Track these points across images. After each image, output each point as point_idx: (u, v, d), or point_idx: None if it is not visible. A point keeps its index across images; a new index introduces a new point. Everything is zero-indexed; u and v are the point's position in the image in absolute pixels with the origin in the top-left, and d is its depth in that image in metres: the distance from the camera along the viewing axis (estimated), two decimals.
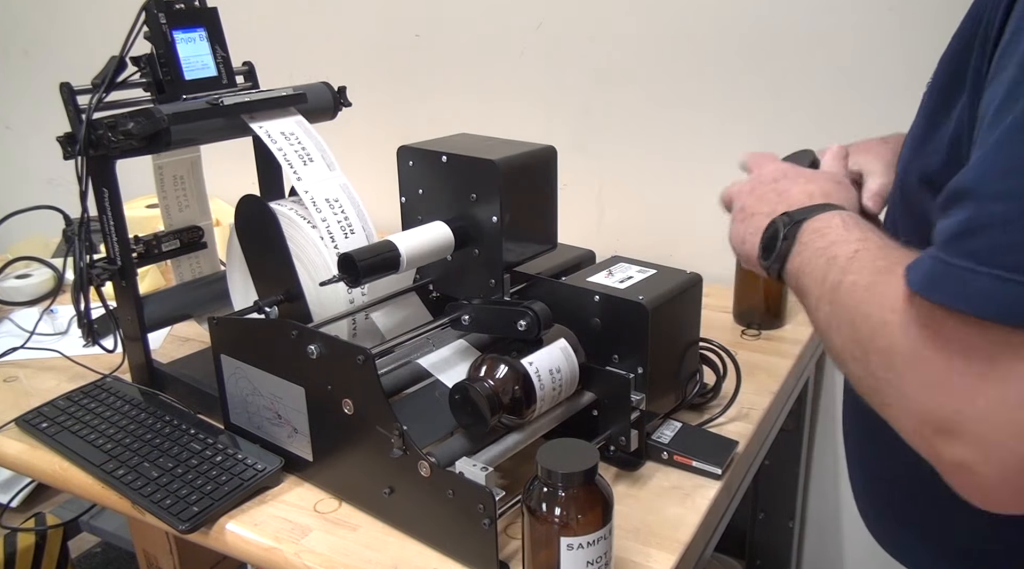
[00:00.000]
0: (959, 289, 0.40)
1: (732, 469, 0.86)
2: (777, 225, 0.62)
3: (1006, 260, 0.39)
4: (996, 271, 0.39)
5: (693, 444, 0.87)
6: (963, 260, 0.40)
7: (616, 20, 1.29)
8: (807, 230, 0.59)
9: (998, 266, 0.39)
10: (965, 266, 0.40)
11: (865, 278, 0.49)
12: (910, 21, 1.10)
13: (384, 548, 0.76)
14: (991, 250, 0.39)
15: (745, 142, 1.24)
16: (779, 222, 0.62)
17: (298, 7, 1.56)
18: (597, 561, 0.66)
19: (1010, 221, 0.39)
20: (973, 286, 0.40)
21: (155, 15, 0.92)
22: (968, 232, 0.41)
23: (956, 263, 0.41)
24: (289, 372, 0.82)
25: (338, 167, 0.95)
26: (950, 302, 0.41)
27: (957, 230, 0.41)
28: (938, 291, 0.41)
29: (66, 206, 1.17)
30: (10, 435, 0.97)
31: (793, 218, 0.61)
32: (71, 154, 0.93)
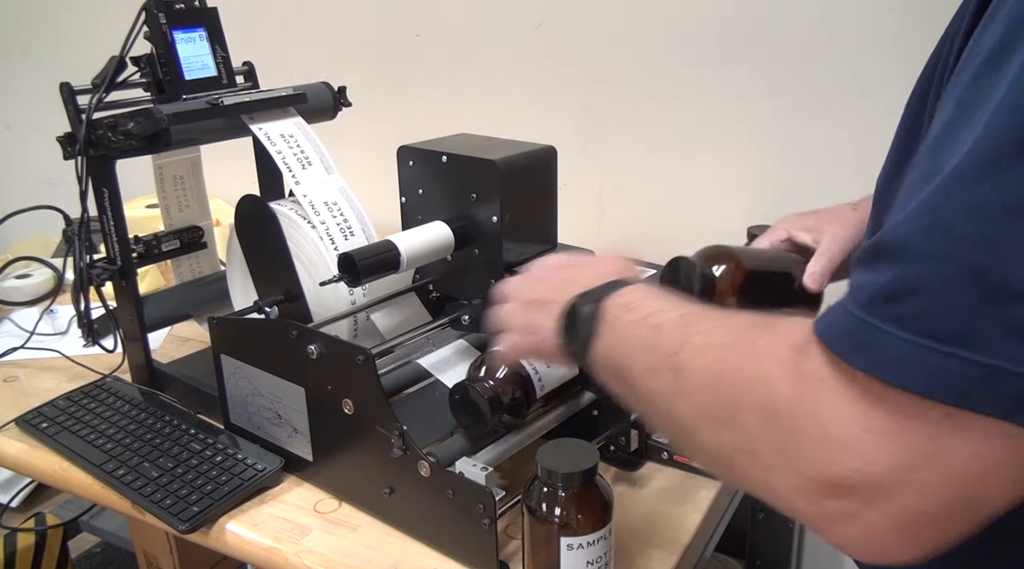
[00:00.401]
0: (880, 354, 0.37)
1: None
2: (576, 306, 0.58)
3: (936, 329, 0.36)
4: (924, 341, 0.36)
5: None
6: (888, 325, 0.37)
7: (616, 20, 1.29)
8: (610, 308, 0.56)
9: (927, 336, 0.36)
10: (889, 331, 0.37)
11: (719, 338, 0.46)
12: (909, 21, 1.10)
13: (384, 548, 0.76)
14: (919, 317, 0.37)
15: (746, 142, 1.25)
16: (577, 303, 0.58)
17: (298, 7, 1.56)
18: (597, 561, 0.66)
19: (944, 286, 0.36)
20: (894, 352, 0.37)
21: (155, 15, 0.92)
22: (895, 295, 0.37)
23: (879, 326, 0.38)
24: (289, 372, 0.82)
25: (336, 171, 0.95)
26: (868, 367, 0.38)
27: (883, 291, 0.38)
28: (856, 353, 0.38)
29: (66, 206, 1.17)
30: (10, 435, 0.97)
31: (591, 297, 0.57)
32: (71, 154, 0.93)
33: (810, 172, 1.21)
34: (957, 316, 0.36)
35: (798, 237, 0.84)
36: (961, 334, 0.36)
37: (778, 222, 0.87)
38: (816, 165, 1.20)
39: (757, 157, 1.25)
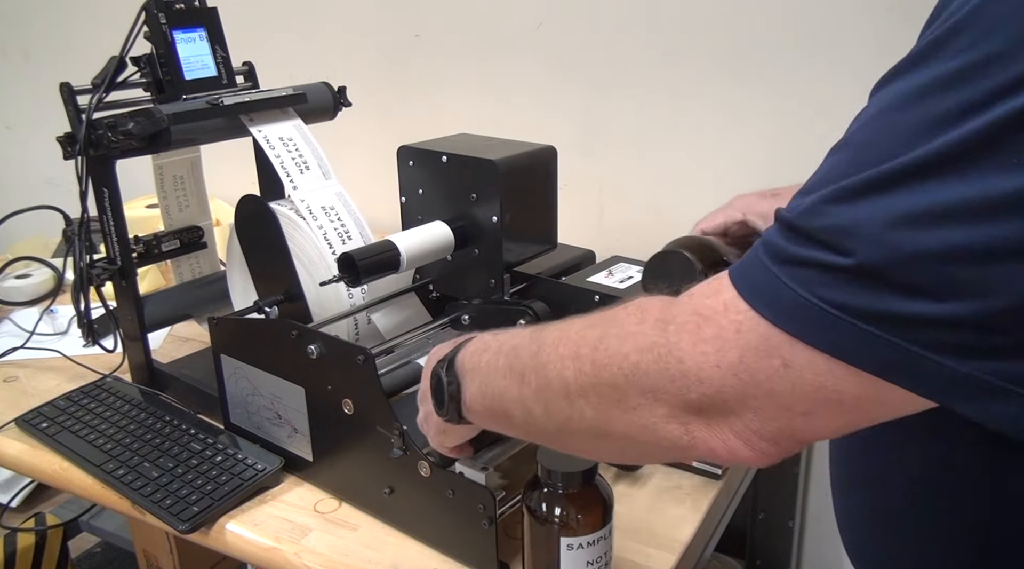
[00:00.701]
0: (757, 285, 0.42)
1: (732, 469, 0.86)
2: (436, 374, 0.61)
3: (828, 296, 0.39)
4: (815, 301, 0.39)
5: None
6: (785, 274, 0.40)
7: (616, 20, 1.29)
8: (463, 360, 0.59)
9: (818, 297, 0.39)
10: (786, 281, 0.40)
11: (575, 329, 0.50)
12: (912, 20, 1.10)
13: (384, 548, 0.76)
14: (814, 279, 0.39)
15: (747, 142, 1.25)
16: (435, 371, 0.61)
17: (298, 7, 1.56)
18: (597, 561, 0.66)
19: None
20: (787, 299, 0.40)
21: (155, 15, 0.92)
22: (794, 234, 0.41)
23: (779, 276, 0.41)
24: (289, 372, 0.82)
25: (334, 176, 0.96)
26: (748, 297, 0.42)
27: (774, 239, 0.42)
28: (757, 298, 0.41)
29: (66, 206, 1.17)
30: (10, 435, 0.97)
31: (446, 360, 0.60)
32: (71, 154, 0.93)
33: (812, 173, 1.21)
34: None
35: (754, 223, 0.84)
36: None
37: (734, 200, 0.87)
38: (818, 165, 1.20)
39: (758, 157, 1.24)
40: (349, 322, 0.91)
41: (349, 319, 0.90)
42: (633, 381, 0.45)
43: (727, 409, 0.42)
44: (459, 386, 0.59)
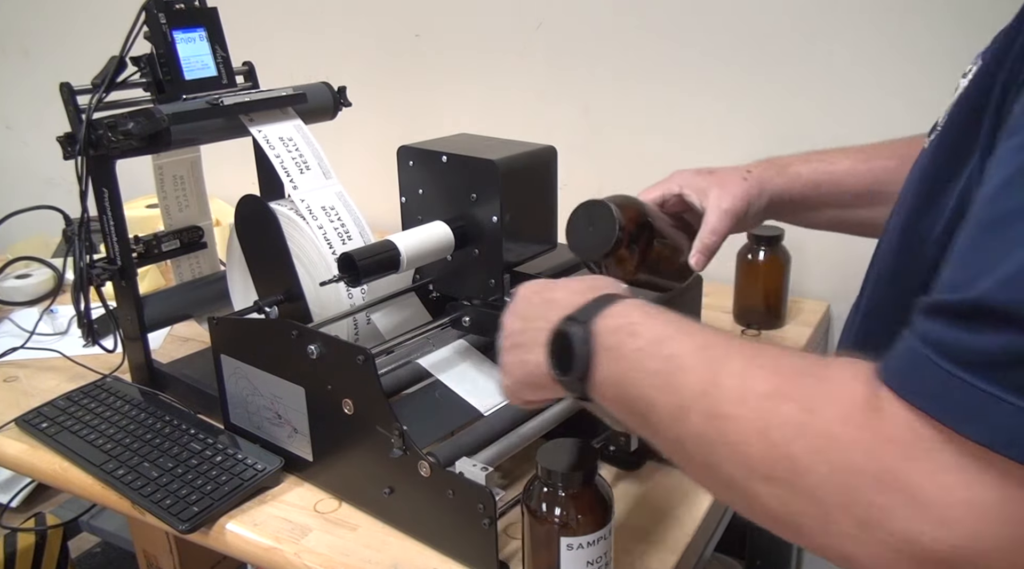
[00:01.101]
0: (997, 423, 0.34)
1: None
2: (563, 331, 0.53)
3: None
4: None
5: None
6: (1009, 394, 0.34)
7: (616, 20, 1.29)
8: (605, 331, 0.51)
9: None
10: (1008, 400, 0.34)
11: (759, 385, 0.42)
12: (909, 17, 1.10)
13: (384, 548, 0.76)
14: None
15: (747, 142, 1.24)
16: (564, 328, 0.53)
17: (298, 7, 1.56)
18: (597, 561, 0.66)
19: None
20: (1013, 422, 0.34)
21: (155, 15, 0.92)
22: (1013, 362, 0.34)
23: (996, 394, 0.34)
24: (289, 372, 0.82)
25: (334, 175, 0.96)
26: (982, 437, 0.35)
27: (999, 357, 0.35)
28: (968, 422, 0.35)
29: (66, 206, 1.17)
30: (10, 435, 0.97)
31: (579, 319, 0.52)
32: (71, 154, 0.93)
33: None
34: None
35: (689, 196, 0.82)
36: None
37: (673, 174, 0.86)
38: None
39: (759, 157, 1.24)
40: (349, 322, 0.91)
41: (349, 319, 0.90)
42: (851, 511, 0.38)
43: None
44: (590, 359, 0.51)
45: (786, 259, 1.16)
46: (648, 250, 0.76)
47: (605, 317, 0.52)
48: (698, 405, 0.44)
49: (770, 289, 1.16)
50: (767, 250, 1.15)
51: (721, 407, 0.43)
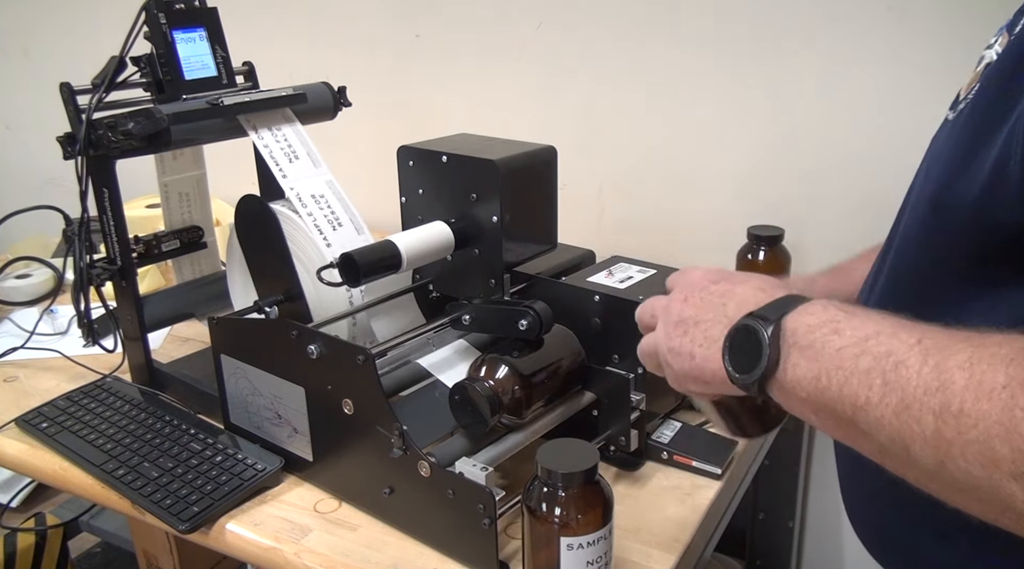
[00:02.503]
0: None
1: (732, 469, 0.86)
2: (748, 326, 0.51)
3: None
4: None
5: (693, 444, 0.87)
6: None
7: (616, 20, 1.29)
8: (801, 328, 0.49)
9: None
10: None
11: (997, 377, 0.40)
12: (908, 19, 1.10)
13: (384, 548, 0.76)
14: None
15: (748, 142, 1.25)
16: (750, 324, 0.51)
17: (298, 7, 1.56)
18: (597, 561, 0.66)
19: None
20: None
21: (155, 15, 0.92)
22: None
23: None
24: (289, 372, 0.82)
25: (324, 164, 0.96)
26: None
27: None
28: None
29: (66, 206, 1.17)
30: (10, 435, 0.97)
31: (767, 316, 0.51)
32: (71, 154, 0.93)
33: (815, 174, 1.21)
34: None
35: None
36: None
37: None
38: (821, 167, 1.20)
39: (759, 157, 1.25)
40: (349, 322, 0.91)
41: (349, 319, 0.90)
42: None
43: None
44: (780, 357, 0.49)
45: (786, 259, 1.16)
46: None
47: (800, 314, 0.50)
48: (928, 403, 0.42)
49: None
50: (767, 250, 1.15)
51: (956, 403, 0.40)
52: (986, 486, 0.40)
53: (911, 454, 0.43)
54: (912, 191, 0.63)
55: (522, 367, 0.78)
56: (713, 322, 0.55)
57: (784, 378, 0.49)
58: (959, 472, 0.41)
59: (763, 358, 0.50)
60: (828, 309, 0.49)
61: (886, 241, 0.67)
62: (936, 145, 0.59)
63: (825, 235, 1.21)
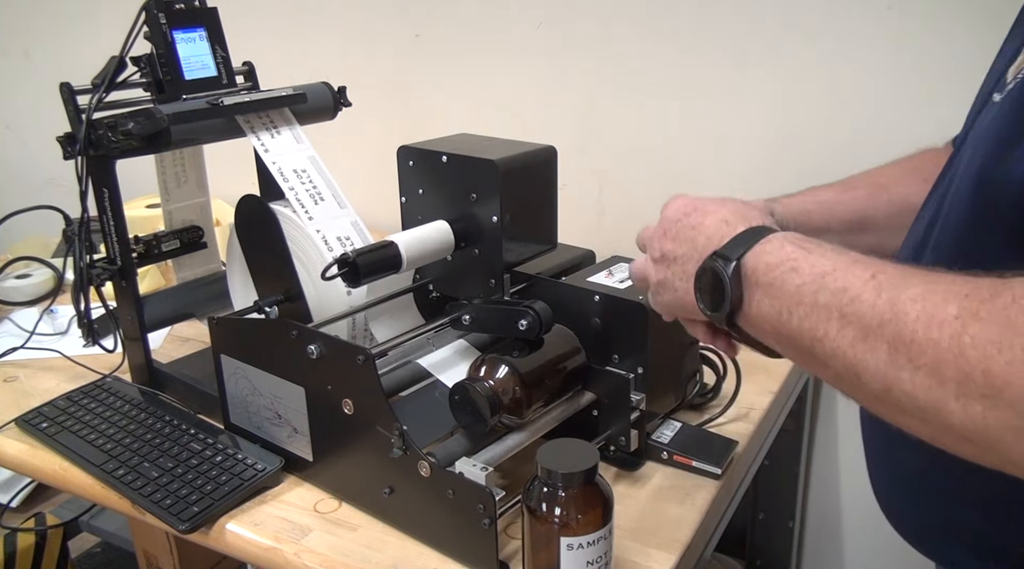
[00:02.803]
0: None
1: (732, 469, 0.86)
2: (713, 268, 0.55)
3: None
4: None
5: (693, 444, 0.87)
6: None
7: (616, 20, 1.29)
8: (759, 269, 0.52)
9: None
10: None
11: (947, 308, 0.42)
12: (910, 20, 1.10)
13: (384, 548, 0.76)
14: None
15: (747, 143, 1.25)
16: (713, 265, 0.55)
17: (298, 7, 1.56)
18: (597, 561, 0.66)
19: None
20: None
21: (155, 15, 0.92)
22: None
23: None
24: (289, 372, 0.82)
25: (307, 141, 0.96)
26: None
27: None
28: None
29: (66, 206, 1.17)
30: (10, 435, 0.97)
31: (728, 257, 0.54)
32: (71, 154, 0.93)
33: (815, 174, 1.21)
34: None
35: None
36: None
37: None
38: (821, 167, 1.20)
39: (759, 157, 1.24)
40: (349, 322, 0.91)
41: (349, 319, 0.90)
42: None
43: None
44: (744, 295, 0.53)
45: None
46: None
47: (759, 254, 0.53)
48: (882, 333, 0.44)
49: None
50: None
51: (908, 332, 0.43)
52: (931, 408, 0.43)
53: (863, 381, 0.46)
54: (954, 173, 0.63)
55: (522, 367, 0.78)
56: (687, 258, 0.59)
57: (749, 313, 0.53)
58: (906, 397, 0.44)
59: (726, 298, 0.54)
60: (785, 246, 0.52)
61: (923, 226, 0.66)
62: (982, 125, 0.60)
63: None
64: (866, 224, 0.78)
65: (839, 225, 0.78)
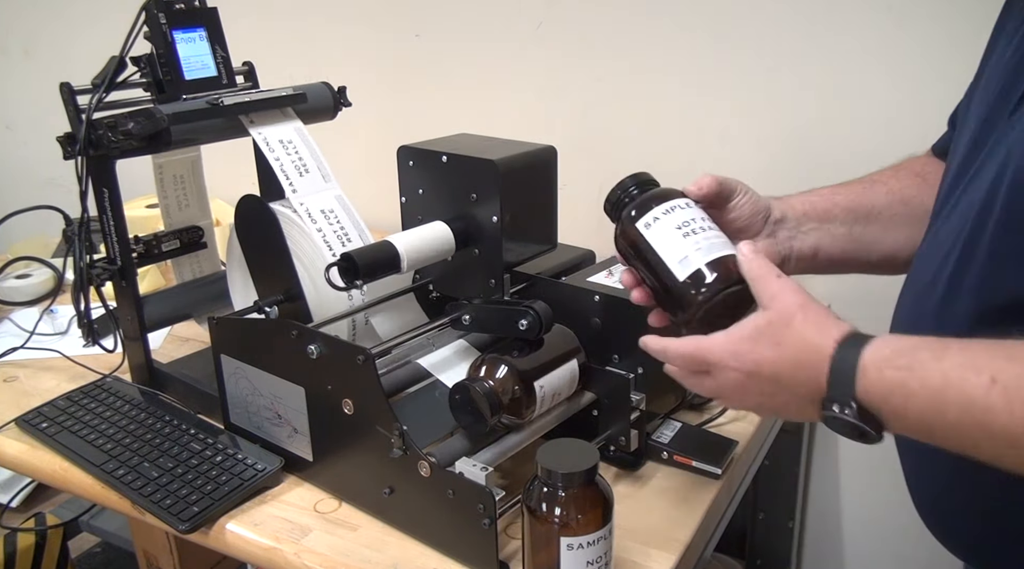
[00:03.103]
0: None
1: (732, 469, 0.86)
2: (841, 420, 0.54)
3: None
4: None
5: (693, 444, 0.87)
6: None
7: (616, 20, 1.29)
8: (872, 403, 0.53)
9: None
10: None
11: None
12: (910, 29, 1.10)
13: (384, 548, 0.76)
14: None
15: (748, 144, 1.24)
16: (838, 417, 0.54)
17: (298, 7, 1.56)
18: (597, 561, 0.66)
19: None
20: None
21: (155, 15, 0.92)
22: None
23: None
24: (289, 372, 0.82)
25: (334, 178, 0.95)
26: None
27: None
28: None
29: (66, 206, 1.17)
30: (10, 435, 0.97)
31: (844, 401, 0.54)
32: (71, 154, 0.93)
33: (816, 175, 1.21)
34: None
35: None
36: None
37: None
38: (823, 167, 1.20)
39: (761, 157, 1.24)
40: (349, 322, 0.91)
41: (349, 319, 0.90)
42: None
43: None
44: (880, 426, 0.54)
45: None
46: None
47: (867, 388, 0.53)
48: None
49: None
50: None
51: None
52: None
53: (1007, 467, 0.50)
54: (977, 183, 0.61)
55: (522, 367, 0.78)
56: (787, 404, 0.59)
57: (897, 428, 0.54)
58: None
59: (869, 437, 0.54)
60: (883, 371, 0.52)
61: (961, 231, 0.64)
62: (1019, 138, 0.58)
63: None
64: (870, 214, 0.78)
65: (842, 213, 0.78)
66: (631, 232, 0.69)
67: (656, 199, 0.69)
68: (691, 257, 0.65)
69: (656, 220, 0.68)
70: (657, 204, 0.69)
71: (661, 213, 0.68)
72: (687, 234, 0.66)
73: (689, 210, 0.68)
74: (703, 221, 0.68)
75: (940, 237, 0.65)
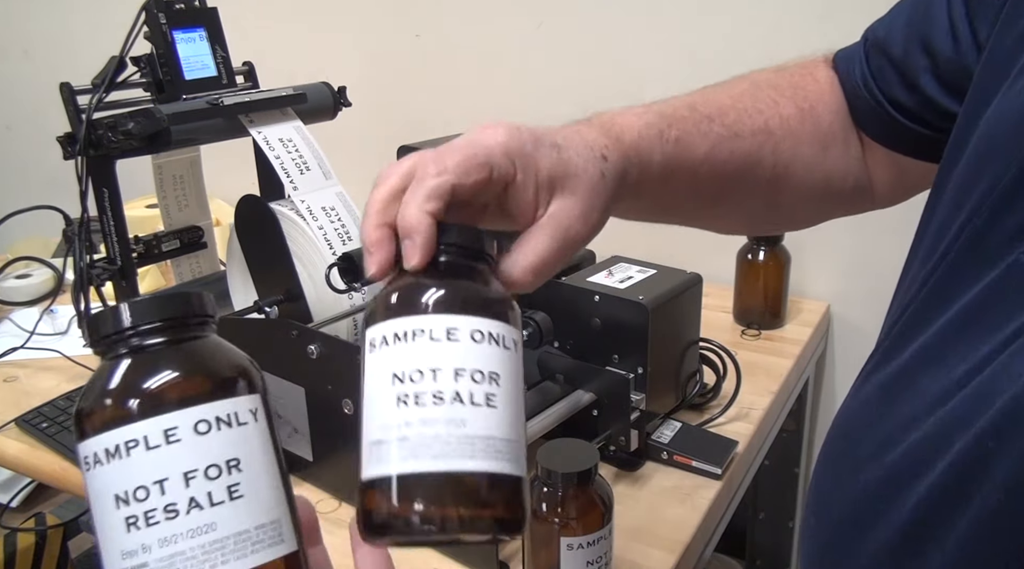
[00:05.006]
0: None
1: (732, 469, 0.86)
2: None
3: None
4: None
5: (693, 444, 0.87)
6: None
7: (616, 20, 1.29)
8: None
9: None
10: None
11: None
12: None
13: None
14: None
15: None
16: None
17: (298, 7, 1.56)
18: (597, 561, 0.66)
19: None
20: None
21: (155, 15, 0.92)
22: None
23: None
24: (289, 372, 0.82)
25: (334, 176, 0.95)
26: None
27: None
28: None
29: (66, 206, 1.17)
30: (10, 435, 0.97)
31: None
32: (71, 154, 0.93)
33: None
34: None
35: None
36: None
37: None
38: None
39: None
40: (349, 322, 0.91)
41: (349, 319, 0.90)
42: None
43: None
44: None
45: (786, 259, 1.16)
46: None
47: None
48: None
49: (770, 289, 1.16)
50: (767, 250, 1.15)
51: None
52: None
53: None
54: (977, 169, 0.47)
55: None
56: None
57: None
58: None
59: None
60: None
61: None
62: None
63: (825, 235, 1.21)
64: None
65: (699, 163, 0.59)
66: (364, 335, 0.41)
67: (404, 306, 0.40)
68: (385, 446, 0.37)
69: (383, 343, 0.40)
70: (398, 315, 0.40)
71: (392, 334, 0.39)
72: (402, 398, 0.37)
73: (442, 347, 0.37)
74: (459, 380, 0.37)
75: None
